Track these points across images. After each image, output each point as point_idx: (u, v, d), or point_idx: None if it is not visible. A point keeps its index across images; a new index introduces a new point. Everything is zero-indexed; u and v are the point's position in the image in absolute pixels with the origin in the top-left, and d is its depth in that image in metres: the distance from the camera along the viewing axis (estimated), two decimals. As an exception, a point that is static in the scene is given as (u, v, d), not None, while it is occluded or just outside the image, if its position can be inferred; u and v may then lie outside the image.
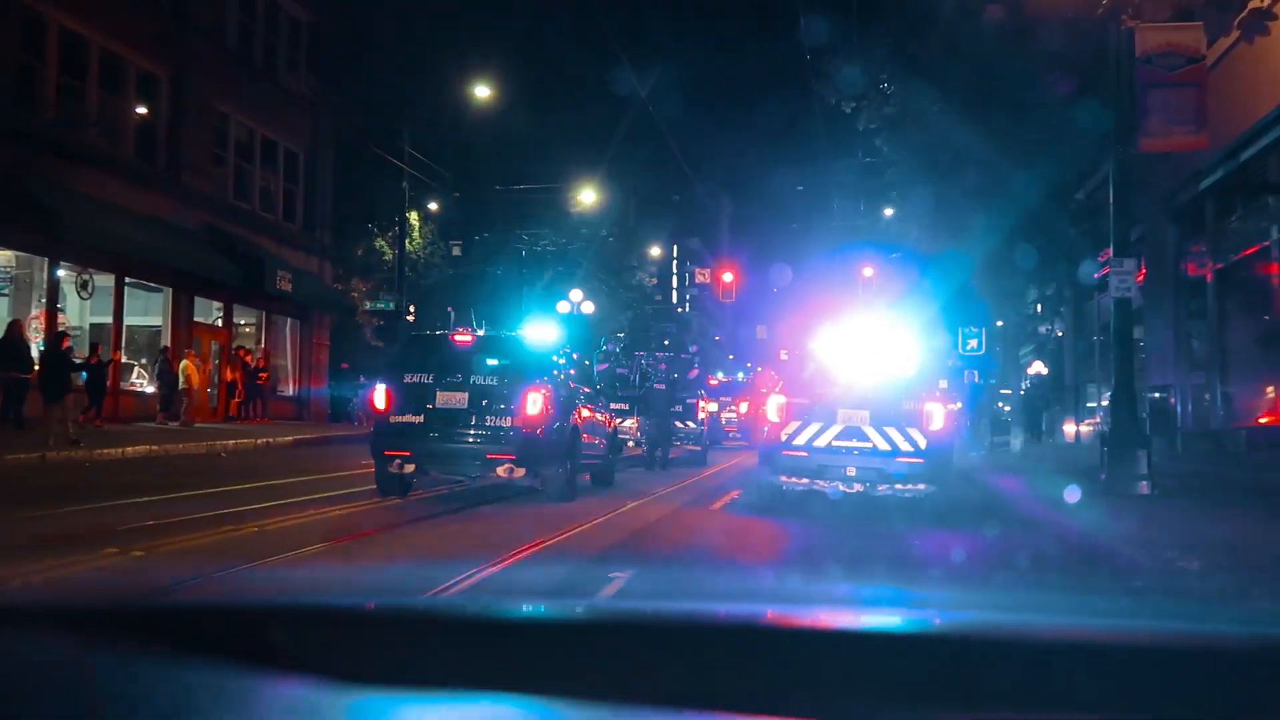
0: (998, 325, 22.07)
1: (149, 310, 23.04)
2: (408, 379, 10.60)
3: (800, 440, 10.09)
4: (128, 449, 14.74)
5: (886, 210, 26.88)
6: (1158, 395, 16.23)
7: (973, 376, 21.86)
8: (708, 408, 21.49)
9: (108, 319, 21.32)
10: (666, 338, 50.09)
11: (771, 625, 1.75)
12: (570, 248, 39.68)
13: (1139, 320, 15.87)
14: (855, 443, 9.92)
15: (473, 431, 10.34)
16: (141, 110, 22.34)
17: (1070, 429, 23.85)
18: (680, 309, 73.39)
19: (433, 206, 34.47)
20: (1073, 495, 10.04)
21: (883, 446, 9.85)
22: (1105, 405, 16.44)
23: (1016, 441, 20.09)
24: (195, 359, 22.00)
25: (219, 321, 25.30)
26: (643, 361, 21.57)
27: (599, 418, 12.85)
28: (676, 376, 19.92)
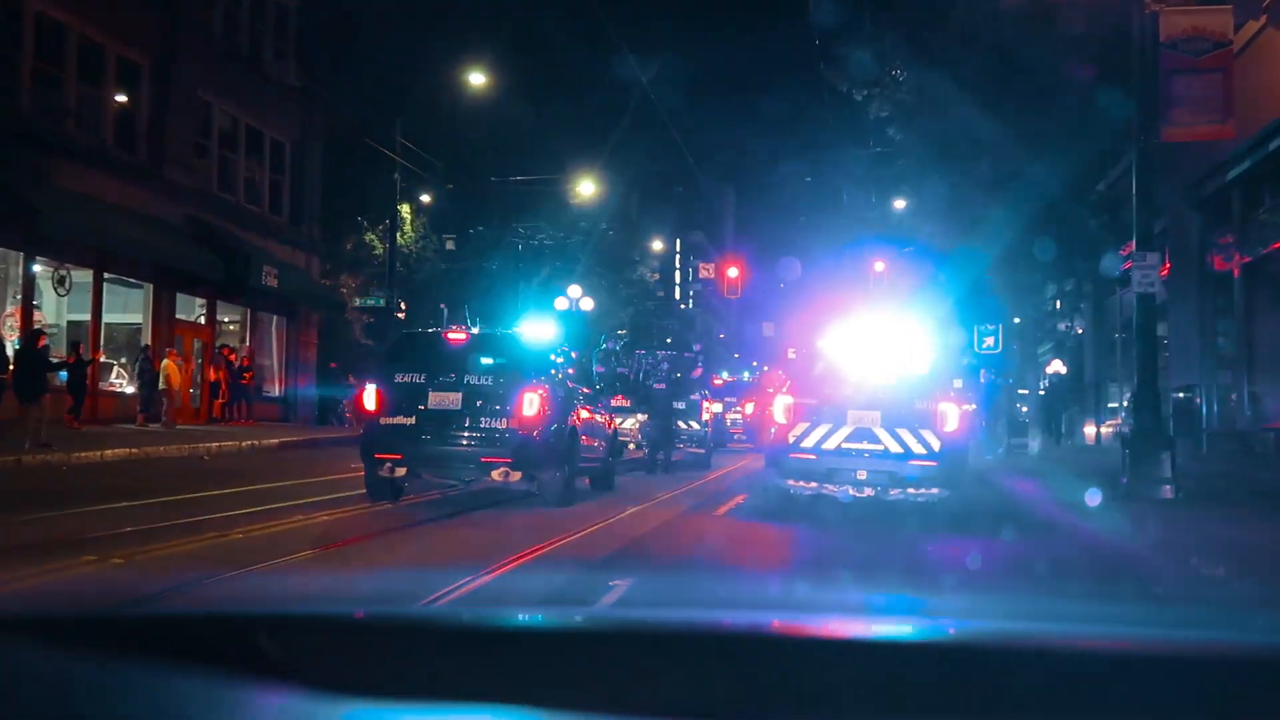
0: (1015, 322, 22.06)
1: (129, 307, 23.06)
2: (399, 379, 10.60)
3: (809, 442, 10.09)
4: (107, 452, 14.75)
5: (898, 202, 26.87)
6: (1182, 395, 16.23)
7: (989, 376, 21.85)
8: (712, 408, 21.50)
9: (86, 316, 21.34)
10: (669, 335, 50.18)
11: (778, 634, 1.75)
12: (569, 242, 39.69)
13: (1162, 316, 15.87)
14: (866, 445, 9.93)
15: (466, 433, 10.35)
16: (122, 99, 22.34)
17: (1090, 430, 23.85)
18: (683, 305, 73.45)
19: (425, 199, 34.49)
20: (1093, 499, 10.05)
21: (894, 449, 9.85)
22: (1127, 405, 16.43)
23: (1034, 443, 20.08)
24: (177, 358, 22.01)
25: (202, 319, 25.31)
26: (644, 360, 21.59)
27: (598, 419, 12.86)
28: (679, 376, 19.94)
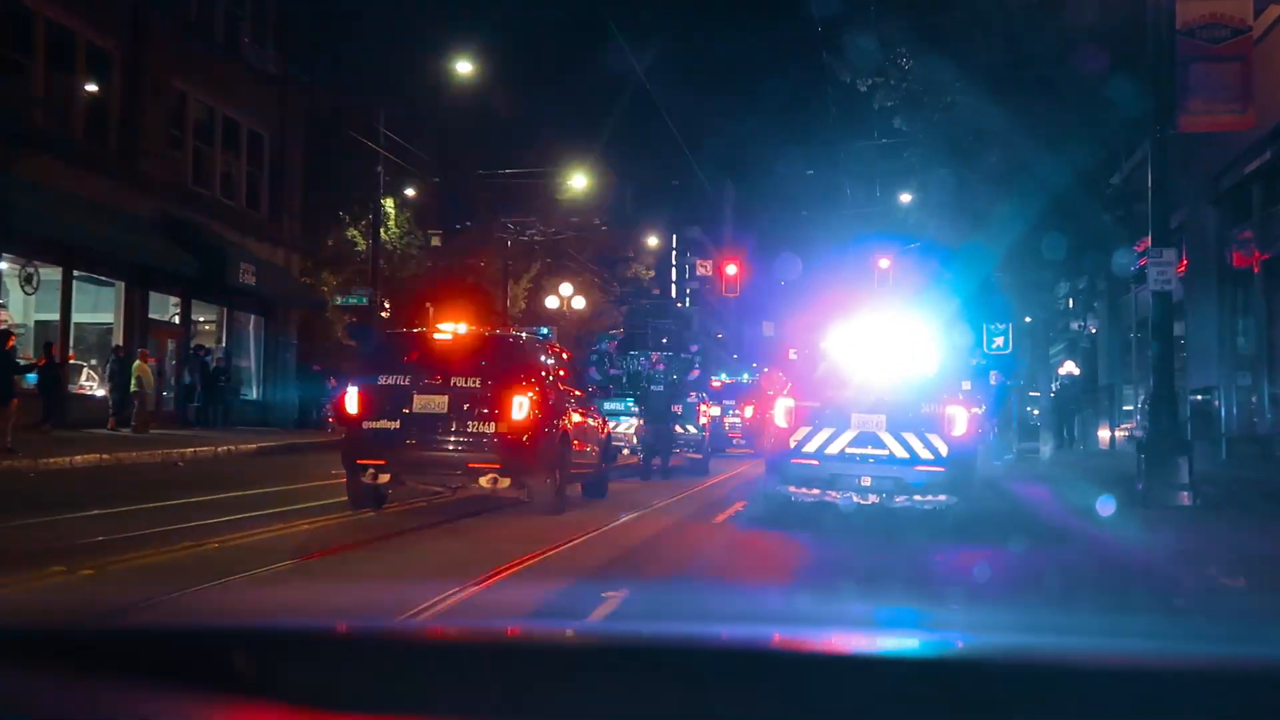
0: (1025, 321, 22.10)
1: (99, 306, 23.01)
2: (382, 381, 10.58)
3: (810, 447, 10.09)
4: (76, 458, 14.72)
5: (904, 196, 26.90)
6: (1200, 397, 16.27)
7: (999, 377, 21.89)
8: (710, 412, 21.50)
9: (55, 316, 21.28)
10: (665, 335, 50.09)
11: (779, 649, 1.75)
12: (560, 238, 39.71)
13: (1179, 315, 15.92)
14: (870, 450, 9.93)
15: (453, 438, 10.33)
16: (91, 88, 22.30)
17: (1105, 434, 23.89)
18: (680, 304, 73.47)
19: (410, 193, 34.45)
20: (1107, 507, 10.06)
21: (900, 454, 9.86)
22: (1142, 408, 16.47)
23: (1046, 448, 20.11)
24: (150, 359, 21.98)
25: (176, 318, 25.28)
26: (639, 361, 21.61)
27: (591, 423, 12.86)
28: (676, 378, 19.94)
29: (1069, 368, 24.37)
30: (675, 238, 72.73)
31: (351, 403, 10.62)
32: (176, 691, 1.55)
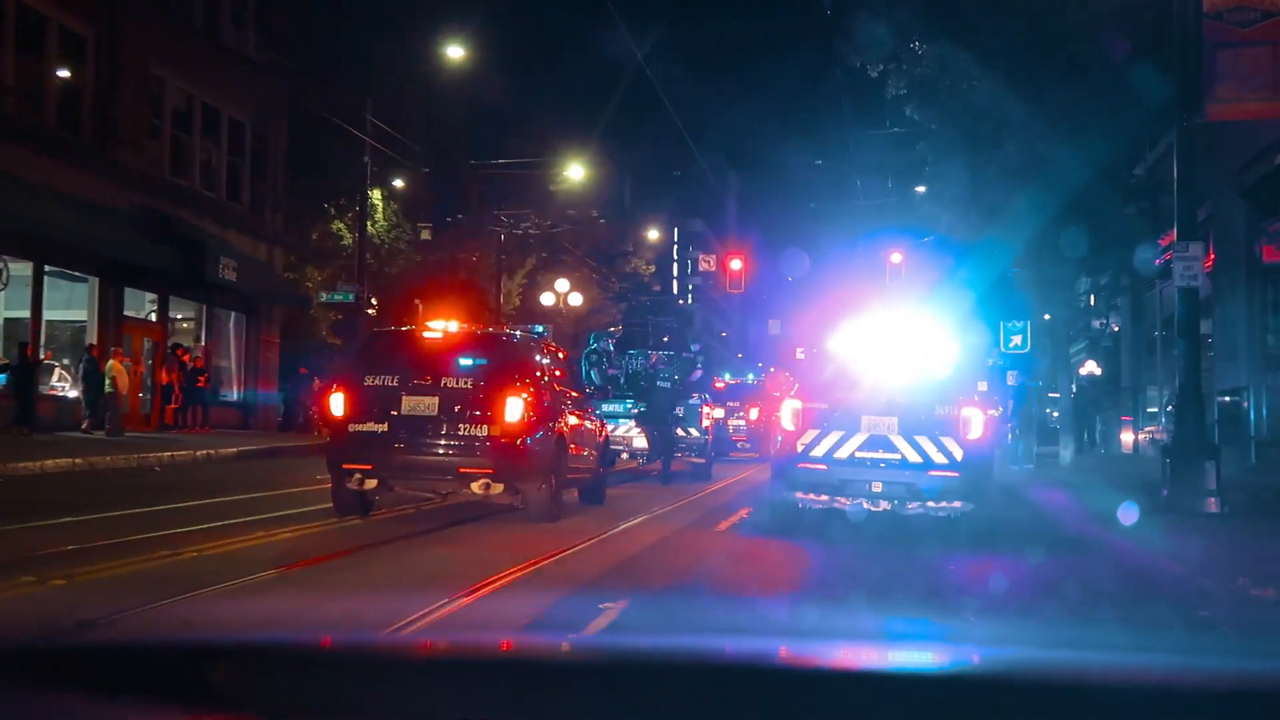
0: (1044, 319, 22.10)
1: (72, 303, 23.01)
2: (369, 381, 10.58)
3: (819, 451, 10.09)
4: (48, 462, 14.71)
5: (917, 188, 26.91)
6: (1228, 399, 16.28)
7: (1017, 378, 21.88)
8: (713, 414, 21.49)
9: (25, 313, 21.28)
10: (666, 334, 49.99)
11: (785, 664, 1.75)
12: (556, 231, 39.73)
13: (1206, 313, 15.91)
14: (882, 454, 9.92)
15: (443, 442, 10.32)
16: (64, 74, 22.31)
17: (1128, 437, 23.91)
18: (681, 301, 73.53)
19: (398, 184, 34.50)
20: (1130, 514, 10.06)
21: (913, 458, 9.85)
22: (1167, 410, 16.48)
23: (1066, 451, 20.10)
24: (125, 359, 21.97)
25: (153, 316, 25.27)
26: (639, 361, 21.57)
27: (588, 426, 12.86)
28: (677, 378, 19.92)
29: (1090, 368, 24.40)
30: (677, 231, 72.82)
31: (337, 404, 10.61)
32: (149, 710, 1.55)
